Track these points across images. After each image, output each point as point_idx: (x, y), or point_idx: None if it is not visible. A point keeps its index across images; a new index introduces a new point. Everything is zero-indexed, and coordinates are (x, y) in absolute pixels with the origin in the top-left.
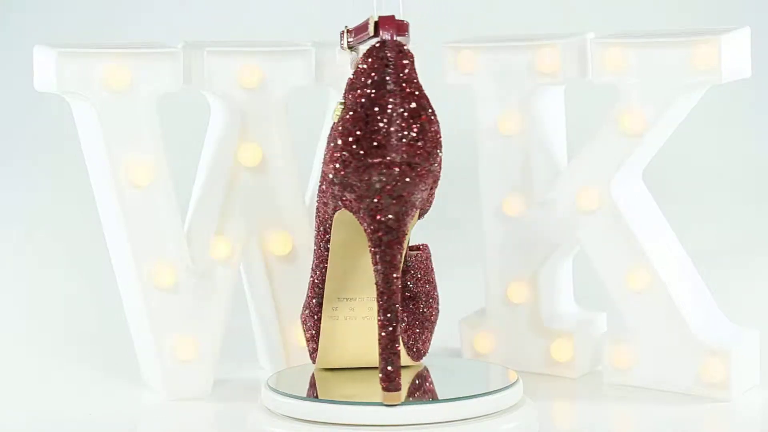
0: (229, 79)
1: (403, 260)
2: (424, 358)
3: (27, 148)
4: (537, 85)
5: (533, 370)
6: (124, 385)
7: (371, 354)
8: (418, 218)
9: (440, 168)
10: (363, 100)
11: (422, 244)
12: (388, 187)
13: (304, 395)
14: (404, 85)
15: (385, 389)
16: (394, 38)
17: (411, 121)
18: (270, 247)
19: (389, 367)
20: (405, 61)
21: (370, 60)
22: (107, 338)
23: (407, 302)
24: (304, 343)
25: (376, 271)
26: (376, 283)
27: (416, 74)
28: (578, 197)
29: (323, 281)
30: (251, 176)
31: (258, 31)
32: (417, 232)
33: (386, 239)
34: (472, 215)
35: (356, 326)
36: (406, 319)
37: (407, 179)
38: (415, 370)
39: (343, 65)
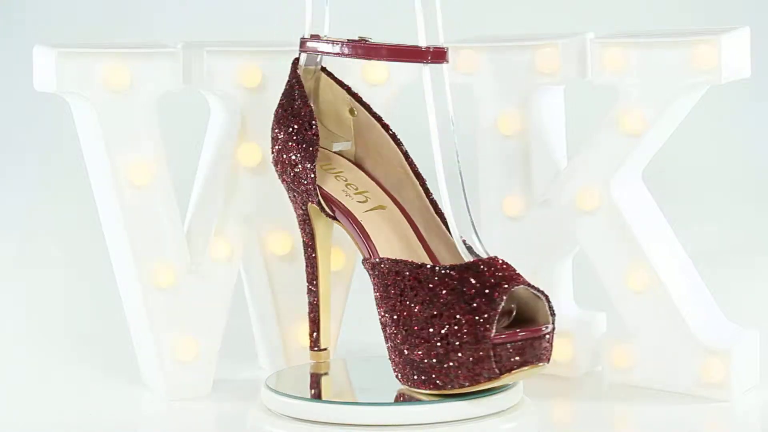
0: (229, 79)
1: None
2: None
3: (27, 148)
4: (537, 85)
5: None
6: (124, 385)
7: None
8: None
9: (285, 171)
10: None
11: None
12: None
13: (304, 395)
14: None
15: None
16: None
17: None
18: (270, 247)
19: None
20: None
21: None
22: (107, 338)
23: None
24: (304, 342)
25: None
26: None
27: (291, 87)
28: (578, 197)
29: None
30: (251, 176)
31: (258, 31)
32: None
33: None
34: (472, 215)
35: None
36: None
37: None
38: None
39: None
